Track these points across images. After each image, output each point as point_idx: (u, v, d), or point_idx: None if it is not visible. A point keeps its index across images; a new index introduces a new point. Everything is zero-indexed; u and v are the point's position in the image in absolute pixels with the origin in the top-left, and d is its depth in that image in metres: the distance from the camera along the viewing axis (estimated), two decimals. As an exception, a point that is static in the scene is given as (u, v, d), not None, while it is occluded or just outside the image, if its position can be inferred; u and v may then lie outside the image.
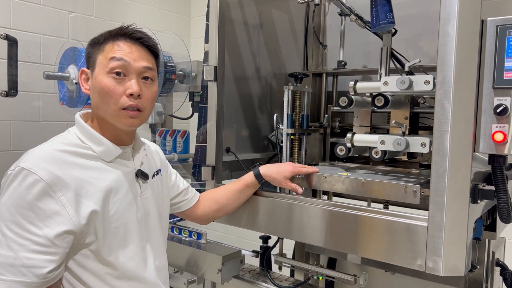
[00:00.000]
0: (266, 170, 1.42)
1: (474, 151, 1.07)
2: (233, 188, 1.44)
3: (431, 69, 1.35)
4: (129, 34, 1.11)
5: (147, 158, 1.24)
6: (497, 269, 1.72)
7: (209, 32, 1.56)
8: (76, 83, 2.25)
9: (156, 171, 1.27)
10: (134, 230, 1.11)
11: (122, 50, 1.09)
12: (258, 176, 1.42)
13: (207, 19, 1.58)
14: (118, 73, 1.07)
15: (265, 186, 1.70)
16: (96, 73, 1.09)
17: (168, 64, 2.14)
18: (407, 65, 1.37)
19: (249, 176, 1.43)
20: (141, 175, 1.16)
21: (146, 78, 1.12)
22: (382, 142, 1.32)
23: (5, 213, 0.95)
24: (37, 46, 2.77)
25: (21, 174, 0.96)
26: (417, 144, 1.26)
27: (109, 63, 1.07)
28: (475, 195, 1.10)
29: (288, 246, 1.91)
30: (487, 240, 1.59)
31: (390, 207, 1.63)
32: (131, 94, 1.07)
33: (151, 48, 1.15)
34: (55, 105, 2.61)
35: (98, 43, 1.11)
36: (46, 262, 0.95)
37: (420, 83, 1.23)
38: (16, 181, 0.96)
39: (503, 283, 1.71)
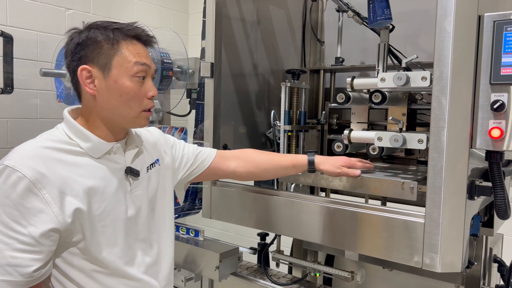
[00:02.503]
0: (321, 162, 1.35)
1: (471, 147, 1.07)
2: (278, 161, 1.39)
3: (429, 65, 1.34)
4: (143, 37, 1.11)
5: (141, 152, 1.20)
6: (495, 266, 1.72)
7: (206, 28, 1.55)
8: (73, 80, 2.24)
9: (152, 163, 1.23)
10: (123, 228, 1.09)
11: (140, 53, 1.09)
12: (311, 163, 1.36)
13: (204, 16, 1.57)
14: (140, 77, 1.08)
15: (263, 183, 1.70)
16: (115, 75, 1.05)
17: (165, 61, 2.13)
18: (404, 61, 1.36)
19: (302, 159, 1.37)
20: (131, 172, 1.13)
21: (152, 79, 1.14)
22: (379, 139, 1.32)
23: None
24: (34, 43, 2.76)
25: (5, 172, 0.95)
26: (414, 140, 1.26)
27: (134, 67, 1.06)
28: (472, 191, 1.10)
29: (286, 243, 1.91)
30: (484, 237, 1.59)
31: (388, 203, 1.63)
32: (152, 96, 1.10)
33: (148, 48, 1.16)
34: (52, 102, 2.61)
35: (109, 42, 1.05)
36: (31, 261, 0.94)
37: (417, 79, 1.23)
38: (1, 179, 0.95)
39: (501, 279, 1.71)
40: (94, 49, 1.05)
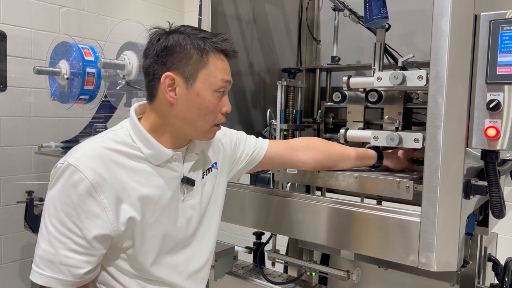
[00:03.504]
0: (387, 158, 1.41)
1: (467, 147, 1.07)
2: (348, 153, 1.38)
3: (425, 65, 1.35)
4: (230, 53, 1.08)
5: (200, 159, 1.17)
6: (489, 264, 1.73)
7: (201, 26, 1.54)
8: (67, 78, 2.23)
9: (209, 168, 1.20)
10: (171, 238, 1.08)
11: (226, 69, 1.07)
12: (380, 158, 1.40)
13: (200, 14, 1.56)
14: (221, 92, 1.06)
15: (258, 181, 1.70)
16: (199, 88, 1.02)
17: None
18: (400, 60, 1.36)
19: (372, 153, 1.40)
20: (187, 182, 1.11)
21: None
22: (375, 138, 1.32)
23: (51, 208, 0.95)
24: (28, 41, 2.74)
25: (68, 170, 0.95)
26: (410, 139, 1.26)
27: (218, 83, 1.04)
28: (468, 190, 1.10)
29: (282, 242, 1.91)
30: (479, 236, 1.60)
31: (384, 203, 1.63)
32: (225, 112, 1.09)
33: None
34: (46, 100, 2.59)
35: (199, 53, 1.02)
36: (83, 263, 0.95)
37: (413, 78, 1.23)
38: (64, 177, 0.95)
39: (495, 278, 1.72)
40: (183, 58, 1.01)
